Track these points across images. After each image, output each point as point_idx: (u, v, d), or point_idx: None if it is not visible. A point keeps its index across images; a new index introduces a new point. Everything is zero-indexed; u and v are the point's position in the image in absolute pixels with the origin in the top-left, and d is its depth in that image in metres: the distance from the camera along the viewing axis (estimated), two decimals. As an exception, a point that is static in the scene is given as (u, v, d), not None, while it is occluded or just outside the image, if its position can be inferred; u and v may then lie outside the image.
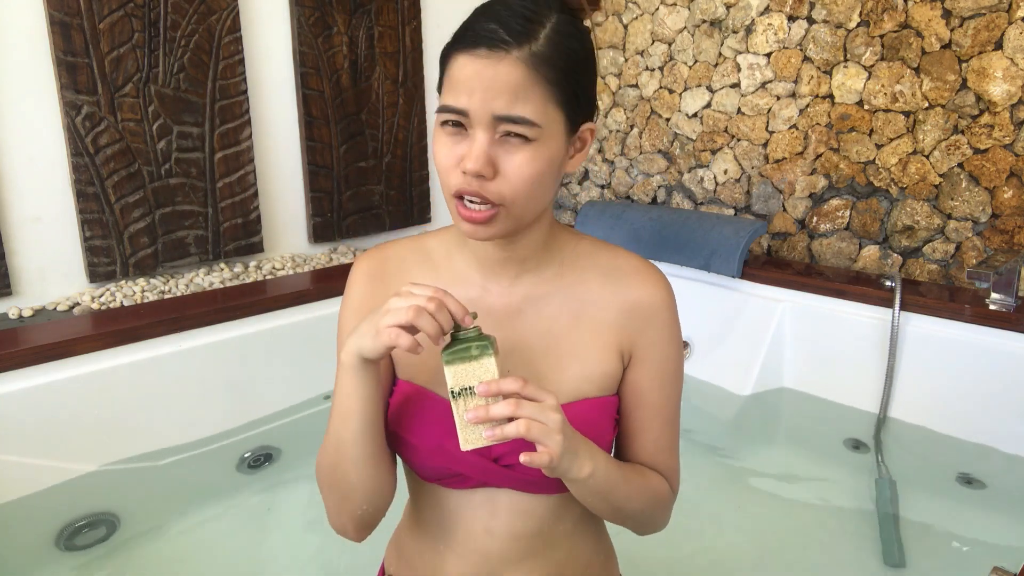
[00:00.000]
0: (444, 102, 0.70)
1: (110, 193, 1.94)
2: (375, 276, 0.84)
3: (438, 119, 0.71)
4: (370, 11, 2.40)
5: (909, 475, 1.70)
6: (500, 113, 0.67)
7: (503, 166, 0.69)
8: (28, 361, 1.56)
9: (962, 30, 1.84)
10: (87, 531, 1.51)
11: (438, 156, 0.72)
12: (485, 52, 0.66)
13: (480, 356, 0.65)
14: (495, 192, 0.69)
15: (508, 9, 0.68)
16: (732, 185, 2.37)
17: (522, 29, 0.67)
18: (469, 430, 0.66)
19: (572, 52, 0.70)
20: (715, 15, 2.28)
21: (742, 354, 2.05)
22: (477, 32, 0.67)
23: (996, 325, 1.68)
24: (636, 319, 0.81)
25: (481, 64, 0.66)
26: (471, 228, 0.72)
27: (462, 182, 0.69)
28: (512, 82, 0.66)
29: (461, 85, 0.68)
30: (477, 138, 0.68)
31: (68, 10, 1.79)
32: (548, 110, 0.69)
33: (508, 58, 0.66)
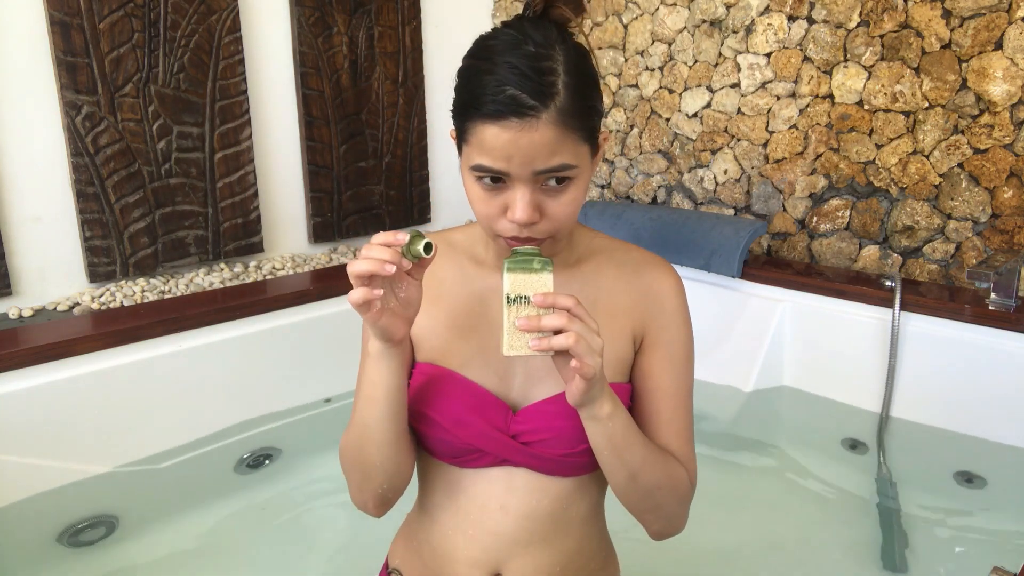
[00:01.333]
0: (479, 163, 0.71)
1: (110, 193, 1.94)
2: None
3: (471, 169, 0.73)
4: (370, 11, 2.40)
5: (909, 475, 1.70)
6: (541, 168, 0.70)
7: (548, 209, 0.72)
8: (28, 361, 1.56)
9: (962, 30, 1.84)
10: (88, 531, 1.51)
11: (476, 206, 0.74)
12: (516, 123, 0.68)
13: (541, 270, 0.69)
14: (543, 231, 0.73)
15: (519, 67, 0.68)
16: (732, 185, 2.37)
17: (543, 88, 0.68)
18: (515, 336, 0.68)
19: (588, 88, 0.72)
20: (715, 15, 2.28)
21: (742, 354, 2.05)
22: (499, 101, 0.68)
23: (996, 325, 1.68)
24: (647, 304, 0.84)
25: (514, 134, 0.68)
26: None
27: (511, 230, 0.73)
28: (548, 143, 0.69)
29: (497, 152, 0.70)
30: (519, 191, 0.71)
31: (68, 10, 1.80)
32: (579, 150, 0.72)
33: (540, 124, 0.68)
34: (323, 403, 2.00)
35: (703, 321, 2.16)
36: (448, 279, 0.87)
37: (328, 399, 2.01)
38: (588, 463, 0.79)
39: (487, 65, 0.70)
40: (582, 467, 0.80)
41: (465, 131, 0.73)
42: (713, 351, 2.12)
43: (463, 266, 0.86)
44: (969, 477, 1.66)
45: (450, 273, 0.87)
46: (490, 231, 0.75)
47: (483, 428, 0.78)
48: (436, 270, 0.86)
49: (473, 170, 0.72)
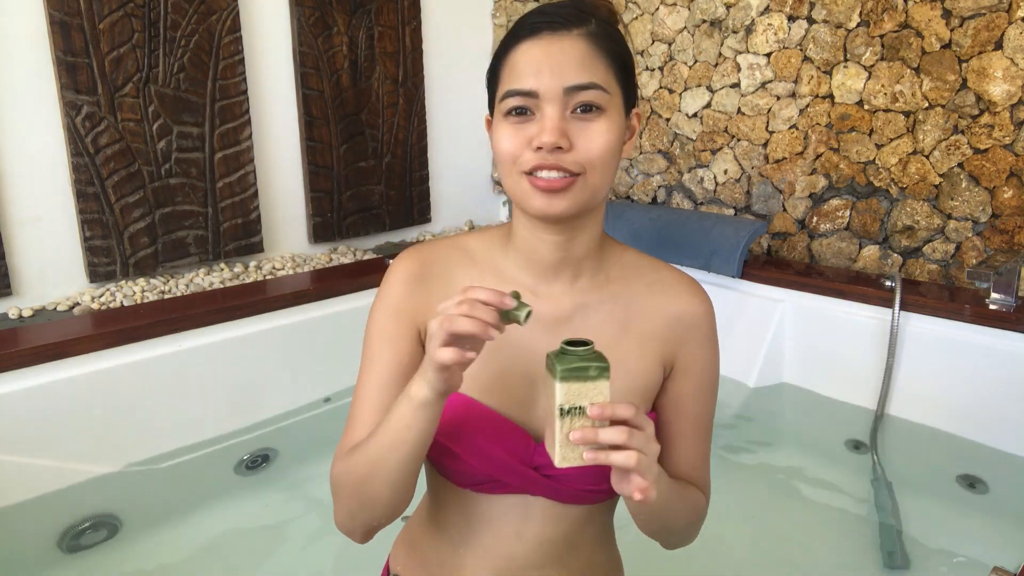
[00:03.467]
0: (509, 87, 0.71)
1: (110, 193, 1.94)
2: (415, 278, 0.81)
3: (501, 109, 0.72)
4: (370, 11, 2.40)
5: (909, 475, 1.70)
6: (572, 83, 0.69)
7: (577, 139, 0.70)
8: (28, 361, 1.56)
9: (962, 30, 1.84)
10: (89, 533, 1.51)
11: (502, 144, 0.72)
12: (547, 34, 0.70)
13: (598, 377, 0.63)
14: (572, 161, 0.69)
15: (555, 6, 0.73)
16: (732, 185, 2.37)
17: (576, 15, 0.71)
18: (568, 448, 0.63)
19: (619, 35, 0.74)
20: (715, 15, 2.28)
21: (742, 354, 2.05)
22: (531, 22, 0.72)
23: (996, 325, 1.68)
24: (679, 330, 0.81)
25: (545, 43, 0.70)
26: (545, 200, 0.71)
27: (535, 158, 0.69)
28: (578, 54, 0.69)
29: (527, 67, 0.70)
30: (548, 113, 0.69)
31: (68, 10, 1.79)
32: (611, 81, 0.71)
33: (570, 35, 0.70)
34: (323, 403, 2.00)
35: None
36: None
37: (327, 399, 2.01)
38: (609, 495, 0.77)
39: (526, 13, 0.74)
40: (603, 498, 0.79)
41: (500, 69, 0.74)
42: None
43: (484, 278, 0.81)
44: (968, 476, 1.66)
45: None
46: (514, 172, 0.72)
47: (505, 460, 0.75)
48: (459, 282, 0.80)
49: (504, 100, 0.71)
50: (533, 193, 0.71)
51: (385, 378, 0.78)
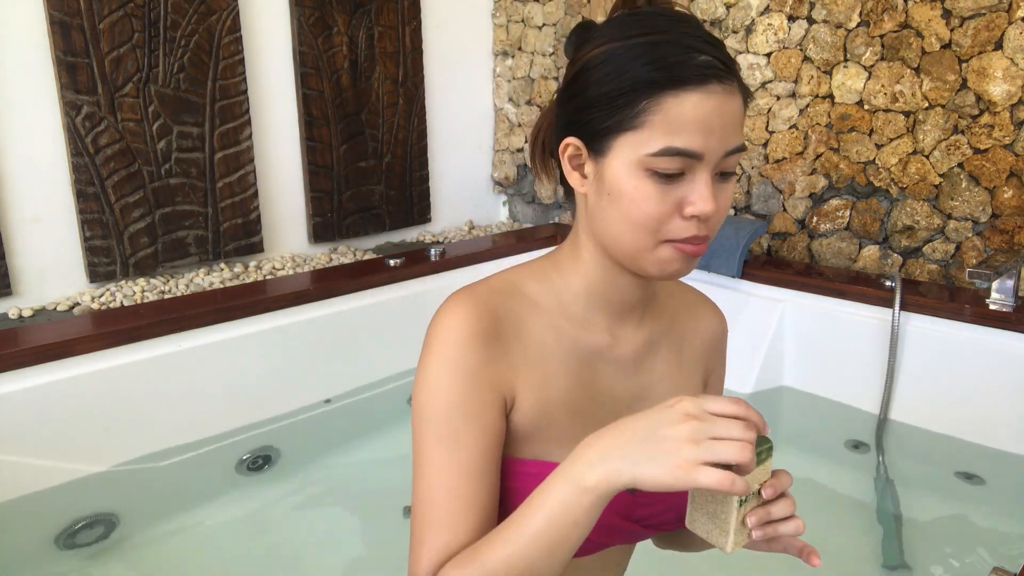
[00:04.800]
0: (669, 145, 0.61)
1: (110, 193, 1.94)
2: (489, 336, 0.69)
3: (645, 164, 0.62)
4: (370, 11, 2.40)
5: (909, 474, 1.70)
6: (732, 147, 0.63)
7: (717, 203, 0.64)
8: (28, 361, 1.56)
9: (962, 30, 1.84)
10: (86, 531, 1.51)
11: (646, 207, 0.63)
12: (719, 88, 0.61)
13: (766, 459, 0.61)
14: (712, 227, 0.66)
15: (699, 34, 0.62)
16: (732, 185, 2.37)
17: (727, 58, 0.63)
18: (740, 531, 0.63)
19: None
20: (715, 15, 2.28)
21: (742, 354, 2.05)
22: (700, 64, 0.60)
23: (996, 325, 1.68)
24: (711, 350, 0.83)
25: (718, 100, 0.61)
26: (683, 265, 0.66)
27: (687, 229, 0.63)
28: (739, 114, 0.63)
29: (697, 125, 0.60)
30: (702, 179, 0.62)
31: (68, 10, 1.79)
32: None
33: (734, 90, 0.62)
34: (323, 403, 2.00)
35: (703, 321, 2.17)
36: (549, 346, 0.72)
37: (328, 400, 2.01)
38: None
39: (657, 36, 0.62)
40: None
41: (639, 115, 0.61)
42: (713, 351, 2.12)
43: (558, 327, 0.73)
44: (968, 476, 1.66)
45: (549, 336, 0.72)
46: (650, 238, 0.64)
47: (610, 521, 0.68)
48: (534, 334, 0.72)
49: (659, 156, 0.61)
50: (674, 259, 0.65)
51: (478, 464, 0.65)
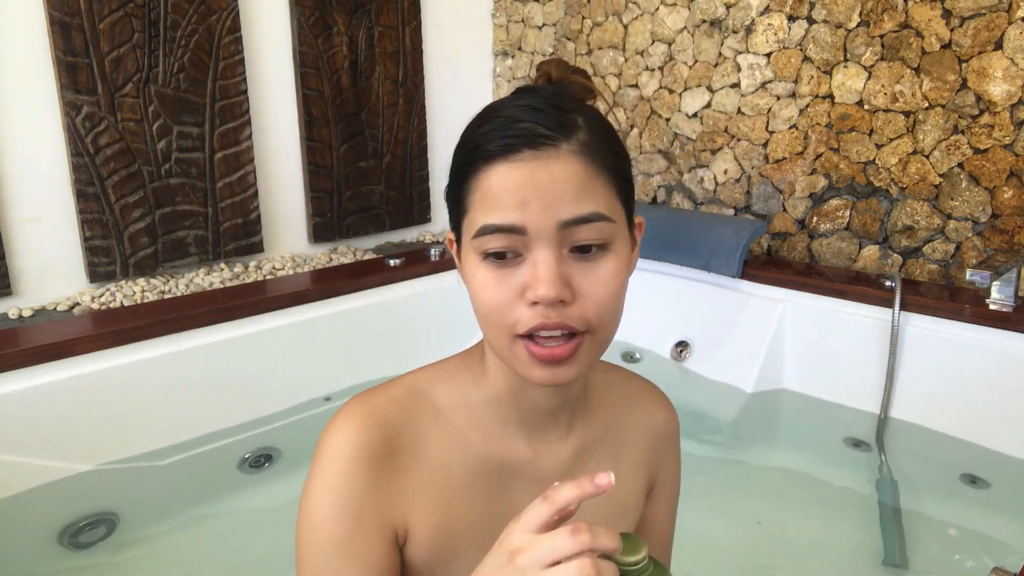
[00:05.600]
0: (485, 223, 0.54)
1: (110, 193, 1.94)
2: (383, 458, 0.61)
3: (474, 247, 0.56)
4: (370, 11, 2.40)
5: (910, 475, 1.70)
6: (569, 217, 0.54)
7: (581, 286, 0.55)
8: (28, 361, 1.56)
9: (962, 30, 1.84)
10: (88, 529, 1.51)
11: (484, 296, 0.56)
12: (530, 154, 0.54)
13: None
14: (578, 317, 0.55)
15: (531, 104, 0.56)
16: (732, 185, 2.37)
17: (561, 119, 0.56)
18: None
19: (613, 135, 0.60)
20: (715, 15, 2.28)
21: (742, 354, 2.05)
22: (508, 135, 0.54)
23: (996, 325, 1.68)
24: (658, 446, 0.75)
25: (530, 169, 0.53)
26: (549, 372, 0.56)
27: (533, 317, 0.54)
28: (572, 178, 0.54)
29: (507, 198, 0.54)
30: (541, 258, 0.54)
31: (68, 10, 1.80)
32: (614, 203, 0.57)
33: (561, 154, 0.54)
34: (323, 402, 2.00)
35: (703, 321, 2.17)
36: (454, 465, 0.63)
37: (328, 397, 2.01)
38: None
39: (489, 115, 0.57)
40: None
41: (465, 198, 0.57)
42: (713, 351, 2.12)
43: (466, 442, 0.64)
44: (969, 477, 1.66)
45: (454, 454, 0.63)
46: (504, 335, 0.56)
47: None
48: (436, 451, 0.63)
49: (478, 238, 0.55)
50: (532, 364, 0.56)
51: None
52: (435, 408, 0.65)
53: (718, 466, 1.81)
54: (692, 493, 1.67)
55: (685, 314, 2.19)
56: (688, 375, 2.13)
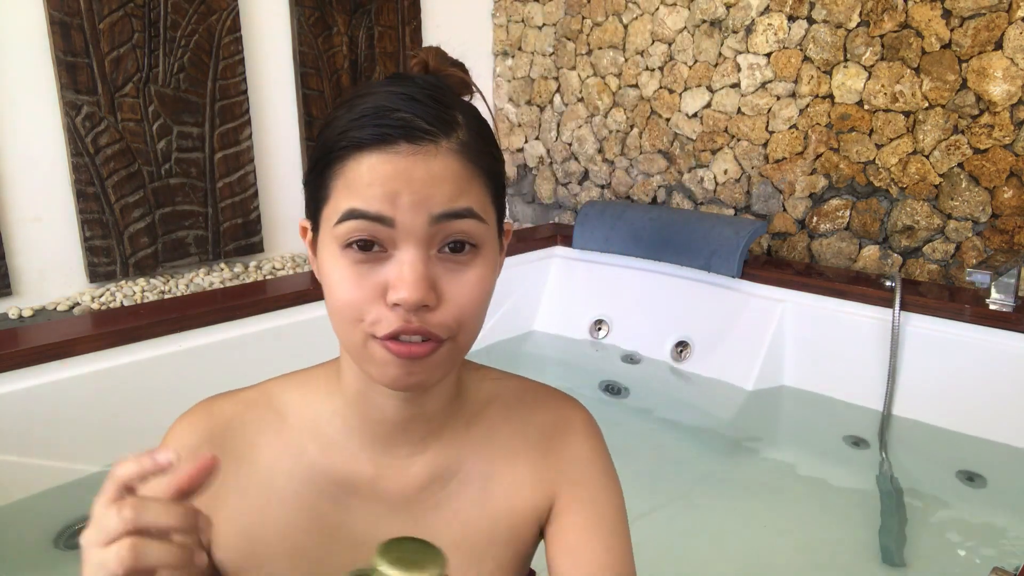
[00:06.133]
0: (351, 204, 0.51)
1: (110, 193, 1.94)
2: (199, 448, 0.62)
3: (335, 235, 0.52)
4: (370, 11, 2.40)
5: (910, 474, 1.70)
6: (440, 211, 0.51)
7: (447, 290, 0.52)
8: (28, 361, 1.56)
9: (962, 30, 1.84)
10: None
11: (340, 292, 0.52)
12: (407, 147, 0.50)
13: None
14: (439, 323, 0.52)
15: (408, 91, 0.52)
16: (732, 185, 2.37)
17: (442, 114, 0.52)
18: None
19: (491, 135, 0.57)
20: (715, 15, 2.28)
21: (742, 354, 2.05)
22: (383, 124, 0.51)
23: (996, 325, 1.68)
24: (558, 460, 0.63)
25: (406, 163, 0.50)
26: (402, 371, 0.52)
27: (392, 321, 0.51)
28: (450, 176, 0.51)
29: (376, 187, 0.50)
30: (408, 258, 0.51)
31: (68, 10, 1.79)
32: (487, 205, 0.54)
33: (440, 152, 0.51)
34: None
35: (703, 321, 2.17)
36: (281, 473, 0.60)
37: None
38: None
39: (359, 100, 0.53)
40: None
41: (328, 184, 0.53)
42: (713, 351, 2.12)
43: (302, 451, 0.61)
44: (970, 476, 1.66)
45: (283, 462, 0.60)
46: (355, 331, 0.52)
47: None
48: (264, 457, 0.61)
49: (341, 224, 0.51)
50: (388, 361, 0.52)
51: None
52: (279, 415, 0.63)
53: (718, 466, 1.81)
54: (692, 493, 1.68)
55: (685, 314, 2.19)
56: (688, 375, 2.13)
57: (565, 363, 2.33)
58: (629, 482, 0.66)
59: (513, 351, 2.35)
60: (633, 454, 1.80)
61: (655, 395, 2.09)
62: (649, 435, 1.92)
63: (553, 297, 2.48)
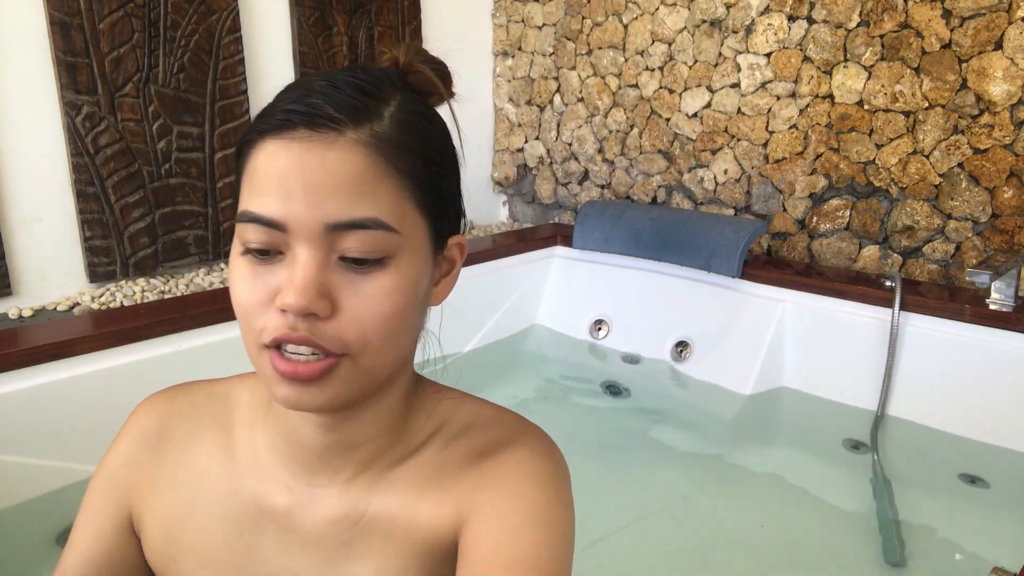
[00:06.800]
0: (245, 208, 0.47)
1: (110, 193, 1.94)
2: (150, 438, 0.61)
3: (237, 237, 0.49)
4: (370, 11, 2.40)
5: (909, 475, 1.70)
6: (336, 219, 0.46)
7: (345, 300, 0.47)
8: (28, 361, 1.56)
9: (962, 30, 1.84)
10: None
11: (236, 291, 0.49)
12: (305, 134, 0.46)
13: None
14: (333, 336, 0.46)
15: (333, 79, 0.49)
16: (732, 185, 2.37)
17: (358, 103, 0.48)
18: None
19: (429, 136, 0.51)
20: (715, 15, 2.28)
21: (742, 354, 2.05)
22: (289, 110, 0.47)
23: (996, 325, 1.68)
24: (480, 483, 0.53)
25: (301, 150, 0.46)
26: (292, 393, 0.48)
27: (281, 325, 0.46)
28: (351, 173, 0.46)
29: (271, 183, 0.46)
30: (300, 259, 0.46)
31: (68, 10, 1.79)
32: (406, 211, 0.48)
33: (341, 140, 0.46)
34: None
35: (703, 321, 2.17)
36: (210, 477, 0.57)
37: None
38: None
39: (293, 85, 0.51)
40: None
41: (240, 175, 0.50)
42: (713, 351, 2.12)
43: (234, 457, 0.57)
44: (969, 477, 1.66)
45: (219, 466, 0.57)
46: (252, 343, 0.49)
47: None
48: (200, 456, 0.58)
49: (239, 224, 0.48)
50: (276, 379, 0.48)
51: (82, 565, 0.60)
52: (229, 414, 0.60)
53: (717, 466, 1.81)
54: (693, 494, 1.68)
55: (685, 314, 2.19)
56: (688, 375, 2.13)
57: (565, 363, 2.33)
58: (629, 483, 0.64)
59: (513, 351, 2.35)
60: (633, 454, 1.80)
61: (656, 395, 2.09)
62: (650, 435, 1.92)
63: (553, 297, 2.48)
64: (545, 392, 2.15)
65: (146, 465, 0.60)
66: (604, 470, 1.71)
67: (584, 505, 1.44)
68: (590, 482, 1.66)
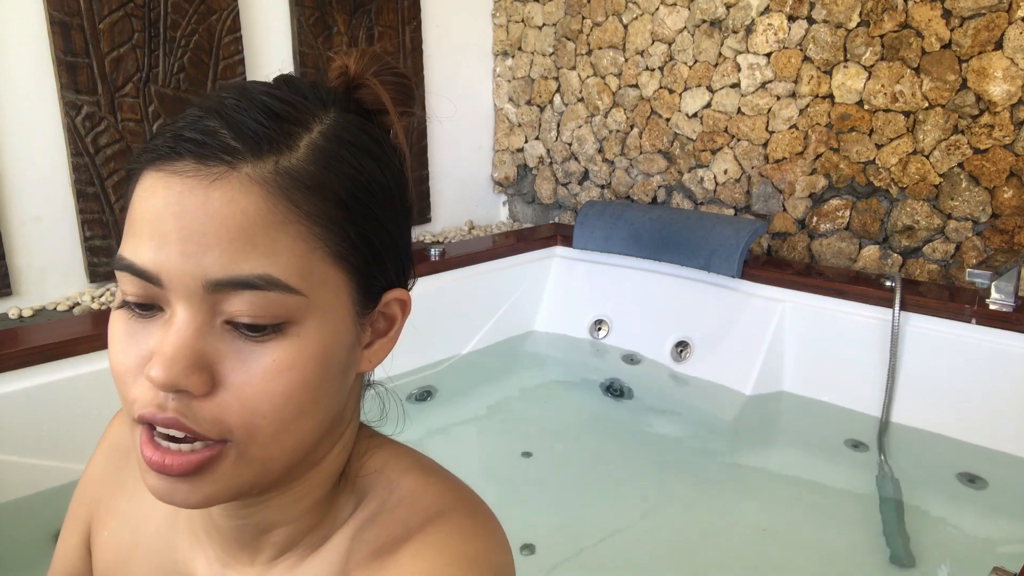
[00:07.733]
0: (120, 252, 0.40)
1: (110, 193, 1.94)
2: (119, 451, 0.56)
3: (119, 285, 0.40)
4: (370, 11, 2.40)
5: (910, 475, 1.70)
6: (217, 276, 0.37)
7: (229, 375, 0.38)
8: (28, 361, 1.56)
9: (962, 30, 1.84)
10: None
11: (111, 355, 0.40)
12: (191, 167, 0.38)
13: None
14: (209, 419, 0.38)
15: (247, 95, 0.42)
16: (732, 185, 2.37)
17: (263, 129, 0.39)
18: None
19: (358, 171, 0.42)
20: (715, 15, 2.28)
21: (742, 354, 2.05)
22: (185, 132, 0.40)
23: (996, 325, 1.68)
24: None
25: (183, 188, 0.38)
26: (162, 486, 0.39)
27: (149, 402, 0.38)
28: (239, 218, 0.37)
29: (145, 226, 0.38)
30: (175, 321, 0.38)
31: (68, 10, 1.79)
32: (313, 266, 0.39)
33: (232, 177, 0.38)
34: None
35: (703, 321, 2.17)
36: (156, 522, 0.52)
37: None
38: None
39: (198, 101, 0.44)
40: None
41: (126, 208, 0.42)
42: (713, 351, 2.12)
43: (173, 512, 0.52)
44: (970, 477, 1.66)
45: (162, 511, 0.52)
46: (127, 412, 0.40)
47: None
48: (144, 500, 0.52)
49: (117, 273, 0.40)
50: (143, 466, 0.39)
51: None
52: None
53: (718, 467, 1.81)
54: (693, 494, 1.68)
55: (685, 314, 2.19)
56: (688, 375, 2.13)
57: (565, 363, 2.33)
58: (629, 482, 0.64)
59: (513, 351, 2.35)
60: (634, 455, 1.80)
61: (656, 396, 2.09)
62: (650, 435, 1.92)
63: (553, 297, 2.48)
64: (545, 392, 2.15)
65: (110, 482, 0.55)
66: (604, 470, 1.71)
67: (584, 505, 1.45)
68: (589, 482, 1.66)
